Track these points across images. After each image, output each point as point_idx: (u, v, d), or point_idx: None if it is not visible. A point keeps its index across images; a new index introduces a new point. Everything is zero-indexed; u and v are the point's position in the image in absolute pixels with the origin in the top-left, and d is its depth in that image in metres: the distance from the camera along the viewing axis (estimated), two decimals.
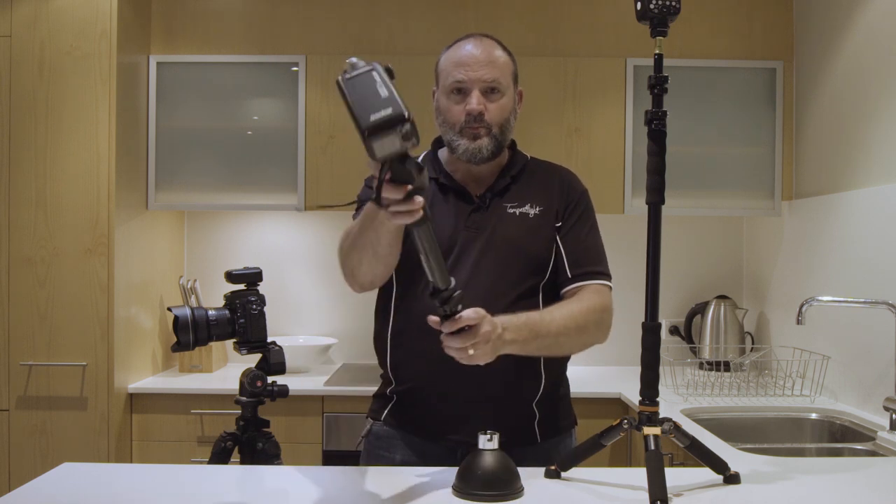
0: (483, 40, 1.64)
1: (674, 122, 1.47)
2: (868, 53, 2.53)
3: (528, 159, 1.74)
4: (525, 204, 1.66)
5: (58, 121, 2.71)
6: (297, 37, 3.02)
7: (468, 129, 1.60)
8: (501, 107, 1.62)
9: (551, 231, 1.66)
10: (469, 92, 1.60)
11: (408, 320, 1.64)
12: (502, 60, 1.63)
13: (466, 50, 1.62)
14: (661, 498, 1.27)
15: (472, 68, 1.60)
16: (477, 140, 1.61)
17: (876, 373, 2.37)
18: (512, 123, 1.66)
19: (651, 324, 1.40)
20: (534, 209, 1.66)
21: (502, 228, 1.63)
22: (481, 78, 1.59)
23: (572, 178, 1.74)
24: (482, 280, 1.59)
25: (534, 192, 1.68)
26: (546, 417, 1.67)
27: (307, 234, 3.37)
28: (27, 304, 2.70)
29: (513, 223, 1.64)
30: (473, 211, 1.65)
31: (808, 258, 2.83)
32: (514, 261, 1.62)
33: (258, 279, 1.64)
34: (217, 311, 1.58)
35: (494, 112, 1.61)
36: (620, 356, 3.28)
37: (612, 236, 3.35)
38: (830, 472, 1.61)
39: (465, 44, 1.64)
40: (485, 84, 1.60)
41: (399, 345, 1.66)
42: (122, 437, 2.74)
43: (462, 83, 1.60)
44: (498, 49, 1.64)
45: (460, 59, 1.61)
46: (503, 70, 1.62)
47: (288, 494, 1.38)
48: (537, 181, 1.71)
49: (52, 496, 1.37)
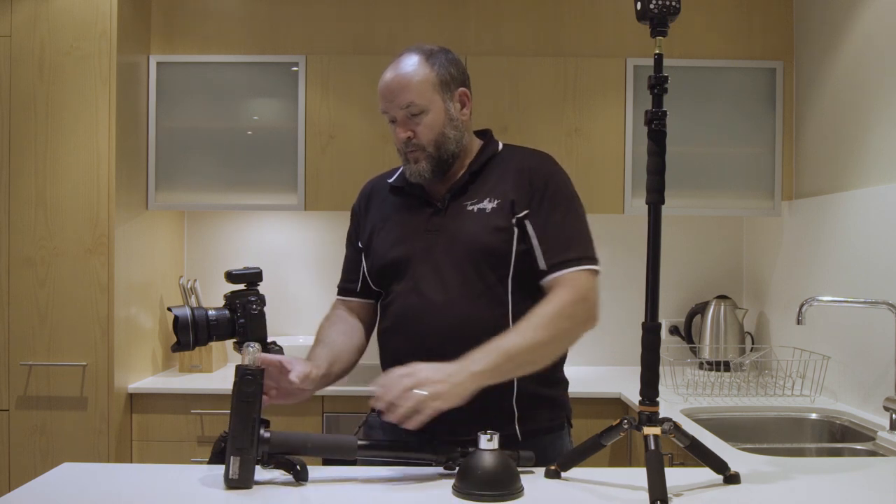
0: (399, 63, 1.64)
1: (674, 122, 1.47)
2: (868, 53, 2.53)
3: (497, 150, 1.72)
4: (484, 199, 1.64)
5: (58, 121, 2.71)
6: (297, 37, 3.02)
7: (406, 153, 1.65)
8: (428, 125, 1.62)
9: (508, 222, 1.61)
10: (395, 120, 1.64)
11: (387, 319, 1.70)
12: (417, 79, 1.61)
13: (384, 80, 1.64)
14: (661, 498, 1.27)
15: (388, 98, 1.62)
16: (417, 163, 1.64)
17: (876, 373, 2.37)
18: (450, 134, 1.64)
19: (651, 324, 1.40)
20: (491, 203, 1.63)
21: (460, 227, 1.63)
22: (398, 106, 1.61)
23: (537, 162, 1.69)
24: (446, 282, 1.61)
25: (493, 185, 1.66)
26: (528, 417, 1.64)
27: (307, 234, 3.37)
28: (27, 304, 2.70)
29: (469, 220, 1.63)
30: (433, 215, 1.66)
31: (808, 258, 2.83)
32: (472, 258, 1.61)
33: (258, 279, 1.63)
34: (217, 311, 1.58)
35: (422, 132, 1.62)
36: (620, 356, 3.29)
37: (612, 236, 3.38)
38: (830, 472, 1.61)
39: (386, 71, 1.65)
40: (404, 111, 1.62)
41: (384, 344, 1.72)
42: (122, 437, 2.74)
43: (387, 114, 1.65)
44: (414, 66, 1.62)
45: (380, 90, 1.64)
46: (420, 88, 1.61)
47: (288, 494, 1.38)
48: (499, 173, 1.67)
49: (52, 496, 1.37)
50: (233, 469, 1.36)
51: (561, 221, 1.62)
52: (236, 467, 1.35)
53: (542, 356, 1.54)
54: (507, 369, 1.48)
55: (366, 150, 2.96)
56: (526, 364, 1.51)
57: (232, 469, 1.36)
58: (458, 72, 1.67)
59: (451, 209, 1.66)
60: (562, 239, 1.61)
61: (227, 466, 1.36)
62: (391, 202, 1.74)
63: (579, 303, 1.55)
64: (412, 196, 1.71)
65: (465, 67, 1.71)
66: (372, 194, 1.80)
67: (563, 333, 1.54)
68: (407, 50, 1.66)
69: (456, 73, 1.67)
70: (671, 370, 2.74)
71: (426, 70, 1.62)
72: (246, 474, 1.36)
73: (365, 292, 1.78)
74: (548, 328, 1.51)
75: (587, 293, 1.57)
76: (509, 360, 1.47)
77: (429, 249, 1.64)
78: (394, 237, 1.69)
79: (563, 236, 1.61)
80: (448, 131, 1.64)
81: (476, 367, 1.42)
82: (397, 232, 1.69)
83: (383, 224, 1.72)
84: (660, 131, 1.37)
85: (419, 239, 1.65)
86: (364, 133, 2.97)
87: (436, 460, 1.45)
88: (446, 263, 1.62)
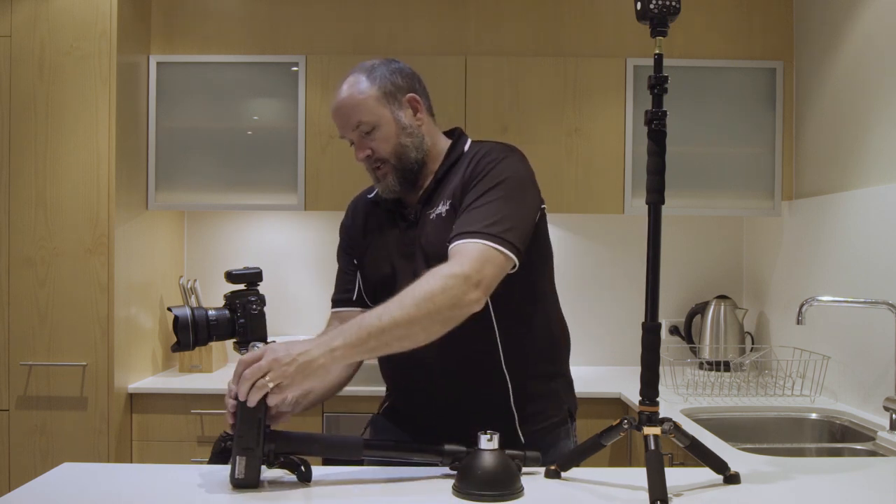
0: (343, 86, 1.64)
1: (674, 122, 1.47)
2: (868, 53, 2.53)
3: (461, 153, 1.66)
4: (440, 204, 1.61)
5: (58, 121, 2.71)
6: (297, 37, 3.02)
7: (373, 170, 1.66)
8: (383, 139, 1.62)
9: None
10: (353, 142, 1.65)
11: None
12: (360, 97, 1.61)
13: (333, 107, 1.65)
14: (661, 498, 1.27)
15: (340, 123, 1.64)
16: (385, 178, 1.64)
17: (876, 373, 2.37)
18: (407, 142, 1.63)
19: (651, 324, 1.40)
20: (444, 206, 1.60)
21: (426, 238, 1.61)
22: (350, 127, 1.63)
23: (486, 152, 1.61)
24: None
25: (448, 187, 1.62)
26: (529, 417, 1.63)
27: (307, 234, 3.37)
28: (27, 304, 2.70)
29: (430, 228, 1.60)
30: (407, 229, 1.66)
31: (808, 258, 2.83)
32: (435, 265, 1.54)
33: (258, 279, 1.63)
34: (217, 311, 1.58)
35: (379, 147, 1.62)
36: (620, 356, 3.29)
37: (612, 236, 3.39)
38: (830, 472, 1.61)
39: (334, 97, 1.65)
40: (356, 131, 1.63)
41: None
42: (122, 437, 2.74)
43: (344, 138, 1.67)
44: (355, 86, 1.62)
45: (332, 113, 1.66)
46: (365, 106, 1.61)
47: (288, 494, 1.38)
48: (455, 174, 1.63)
49: (52, 496, 1.37)
50: (239, 468, 1.36)
51: (482, 200, 1.51)
52: (242, 467, 1.36)
53: (415, 332, 1.39)
54: (374, 346, 1.37)
55: None
56: (396, 340, 1.38)
57: (238, 468, 1.36)
58: (402, 79, 1.65)
59: (421, 219, 1.64)
60: (474, 214, 1.50)
61: (232, 466, 1.37)
62: (374, 218, 1.74)
63: (457, 278, 1.39)
64: (389, 211, 1.70)
65: (412, 73, 1.68)
66: (356, 213, 1.80)
67: (437, 310, 1.38)
68: (350, 71, 1.66)
69: (401, 81, 1.65)
70: (671, 370, 2.74)
71: (367, 86, 1.62)
72: (252, 473, 1.37)
73: (360, 301, 1.77)
74: (420, 305, 1.37)
75: (470, 269, 1.41)
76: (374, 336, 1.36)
77: (409, 263, 1.63)
78: (378, 256, 1.69)
79: (477, 212, 1.50)
80: (404, 140, 1.63)
81: (337, 342, 1.35)
82: (380, 251, 1.69)
83: (368, 243, 1.73)
84: (660, 131, 1.37)
85: (399, 255, 1.65)
86: None
87: (441, 461, 1.45)
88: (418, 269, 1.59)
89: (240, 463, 1.36)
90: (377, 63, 1.66)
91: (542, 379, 1.68)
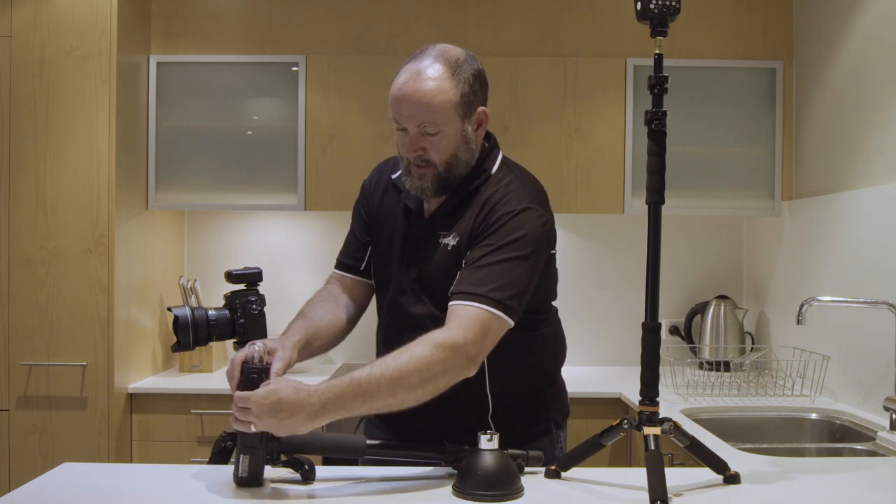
0: (421, 72, 1.48)
1: (674, 122, 1.47)
2: (868, 53, 2.53)
3: (488, 176, 1.58)
4: (451, 233, 1.55)
5: (58, 121, 2.71)
6: (297, 37, 3.01)
7: (414, 166, 1.54)
8: (442, 147, 1.51)
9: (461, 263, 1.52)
10: (405, 129, 1.52)
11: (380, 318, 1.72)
12: (439, 100, 1.47)
13: (401, 89, 1.49)
14: (661, 498, 1.27)
15: (405, 108, 1.49)
16: (421, 179, 1.54)
17: (876, 373, 2.37)
18: (462, 155, 1.54)
19: (651, 324, 1.40)
20: (454, 239, 1.54)
21: (428, 260, 1.57)
22: (414, 122, 1.50)
23: (502, 199, 1.52)
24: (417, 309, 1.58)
25: (462, 218, 1.55)
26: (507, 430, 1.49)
27: (307, 234, 3.37)
28: (27, 304, 2.70)
29: (436, 254, 1.56)
30: (415, 231, 1.61)
31: (808, 258, 2.83)
32: (432, 294, 1.55)
33: (258, 279, 1.63)
34: (217, 311, 1.58)
35: (434, 153, 1.52)
36: (620, 356, 3.29)
37: (612, 236, 3.39)
38: (830, 472, 1.61)
39: (403, 73, 1.51)
40: (418, 127, 1.50)
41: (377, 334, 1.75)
42: (122, 437, 2.74)
43: (398, 122, 1.52)
44: (437, 82, 1.48)
45: (395, 94, 1.50)
46: (441, 110, 1.48)
47: (288, 494, 1.38)
48: (472, 205, 1.55)
49: (52, 496, 1.37)
50: (242, 467, 1.37)
51: (491, 258, 1.46)
52: (245, 465, 1.36)
53: (408, 401, 1.37)
54: (365, 412, 1.37)
55: (366, 150, 2.96)
56: (386, 407, 1.37)
57: (241, 467, 1.37)
58: (480, 87, 1.56)
59: (428, 235, 1.59)
60: (480, 273, 1.45)
61: (236, 464, 1.37)
62: (390, 198, 1.68)
63: (457, 353, 1.38)
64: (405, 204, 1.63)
65: (486, 77, 1.59)
66: (378, 183, 1.74)
67: (433, 380, 1.37)
68: (430, 54, 1.51)
69: (479, 88, 1.55)
70: (671, 370, 2.74)
71: (449, 87, 1.49)
72: (256, 472, 1.37)
73: (367, 273, 1.72)
74: (419, 374, 1.35)
75: (469, 341, 1.39)
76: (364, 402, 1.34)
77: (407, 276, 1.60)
78: (382, 250, 1.67)
79: (484, 272, 1.45)
80: (461, 154, 1.54)
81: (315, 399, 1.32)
82: (386, 242, 1.65)
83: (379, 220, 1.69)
84: (660, 131, 1.38)
85: (400, 259, 1.62)
86: (364, 133, 2.97)
87: (444, 459, 1.45)
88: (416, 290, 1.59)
89: (243, 461, 1.36)
90: (462, 57, 1.53)
91: (526, 397, 1.65)
